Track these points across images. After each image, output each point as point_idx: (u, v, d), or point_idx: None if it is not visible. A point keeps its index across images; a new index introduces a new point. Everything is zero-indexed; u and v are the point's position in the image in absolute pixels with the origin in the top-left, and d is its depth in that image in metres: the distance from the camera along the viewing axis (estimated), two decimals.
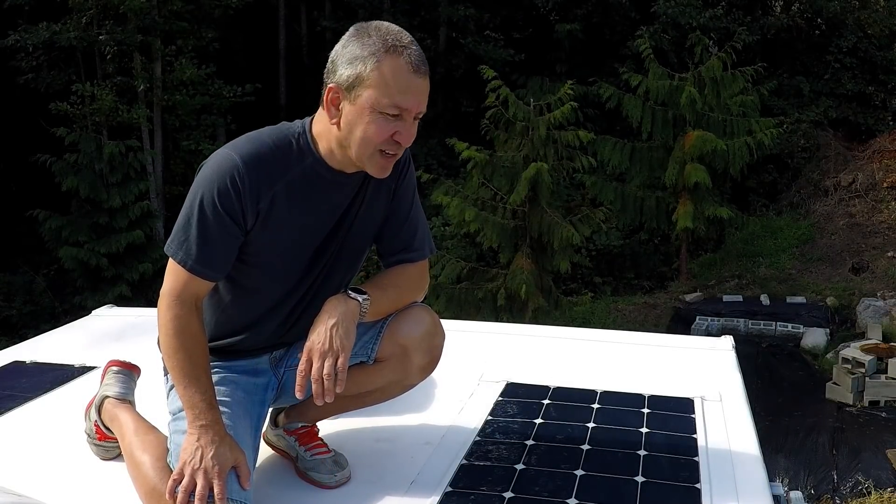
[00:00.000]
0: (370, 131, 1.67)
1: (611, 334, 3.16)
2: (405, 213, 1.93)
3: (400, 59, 1.64)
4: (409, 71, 1.65)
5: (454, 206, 10.21)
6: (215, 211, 1.68)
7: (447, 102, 17.02)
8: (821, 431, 8.33)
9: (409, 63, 1.65)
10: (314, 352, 1.68)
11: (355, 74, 1.65)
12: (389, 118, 1.67)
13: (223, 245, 1.72)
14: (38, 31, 13.33)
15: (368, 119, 1.67)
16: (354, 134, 1.69)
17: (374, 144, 1.69)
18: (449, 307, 10.02)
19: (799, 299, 12.15)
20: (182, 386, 1.71)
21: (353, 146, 1.70)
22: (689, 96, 12.24)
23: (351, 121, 1.69)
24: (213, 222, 1.69)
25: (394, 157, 1.73)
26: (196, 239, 1.70)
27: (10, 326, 12.62)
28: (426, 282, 1.97)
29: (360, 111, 1.67)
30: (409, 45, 1.67)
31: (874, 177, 15.00)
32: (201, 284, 1.74)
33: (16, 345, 3.12)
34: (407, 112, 1.68)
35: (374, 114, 1.66)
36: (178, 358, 1.71)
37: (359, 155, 1.71)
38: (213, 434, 1.66)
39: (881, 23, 17.48)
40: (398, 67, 1.64)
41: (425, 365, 1.88)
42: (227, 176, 1.68)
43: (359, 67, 1.65)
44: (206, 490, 1.60)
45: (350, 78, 1.66)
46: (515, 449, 2.03)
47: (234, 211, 1.69)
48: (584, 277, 13.71)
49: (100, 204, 13.11)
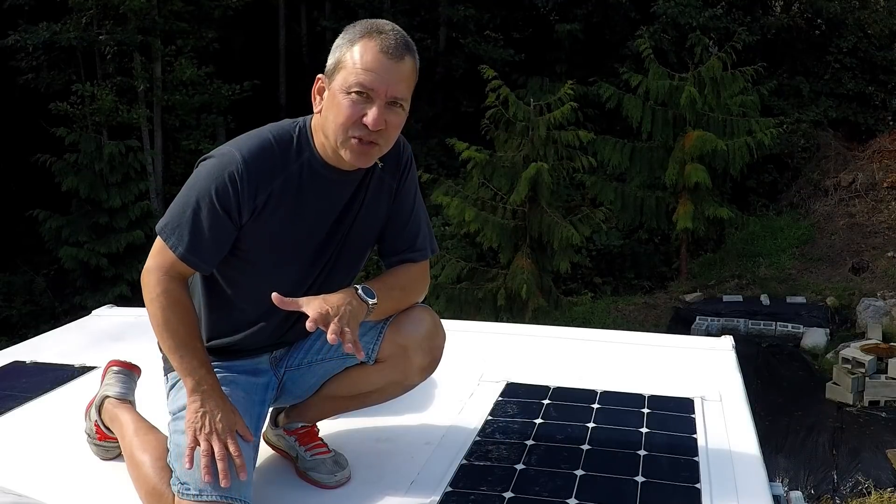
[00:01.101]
0: (339, 112, 1.67)
1: (611, 334, 3.16)
2: (407, 213, 1.93)
3: (371, 41, 1.66)
4: (377, 51, 1.65)
5: (454, 206, 10.21)
6: (211, 206, 1.69)
7: (447, 102, 17.02)
8: (821, 431, 8.33)
9: (379, 44, 1.65)
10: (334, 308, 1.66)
11: (334, 61, 1.69)
12: (358, 99, 1.66)
13: (214, 239, 1.73)
14: (38, 31, 13.32)
15: (338, 100, 1.67)
16: (329, 118, 1.70)
17: (344, 127, 1.68)
18: (449, 307, 10.02)
19: (799, 299, 12.15)
20: (178, 356, 1.73)
21: (329, 133, 1.71)
22: (689, 96, 12.24)
23: (327, 105, 1.71)
24: (207, 216, 1.70)
25: (371, 144, 1.70)
26: (189, 228, 1.71)
27: (10, 326, 12.62)
28: (427, 282, 1.97)
29: (332, 94, 1.69)
30: (387, 31, 1.68)
31: (874, 177, 14.99)
32: (187, 269, 1.76)
33: (16, 345, 3.12)
34: (373, 92, 1.65)
35: (343, 94, 1.67)
36: (172, 329, 1.73)
37: (334, 140, 1.71)
38: (217, 398, 1.71)
39: (881, 23, 17.47)
40: (367, 48, 1.66)
41: (426, 365, 1.88)
42: (226, 172, 1.69)
43: (337, 53, 1.69)
44: (224, 451, 1.64)
45: (331, 66, 1.70)
46: (515, 449, 2.03)
47: (229, 207, 1.70)
48: (584, 277, 13.70)
49: (100, 204, 13.10)
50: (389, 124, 1.69)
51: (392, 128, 1.71)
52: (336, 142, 1.70)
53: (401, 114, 1.71)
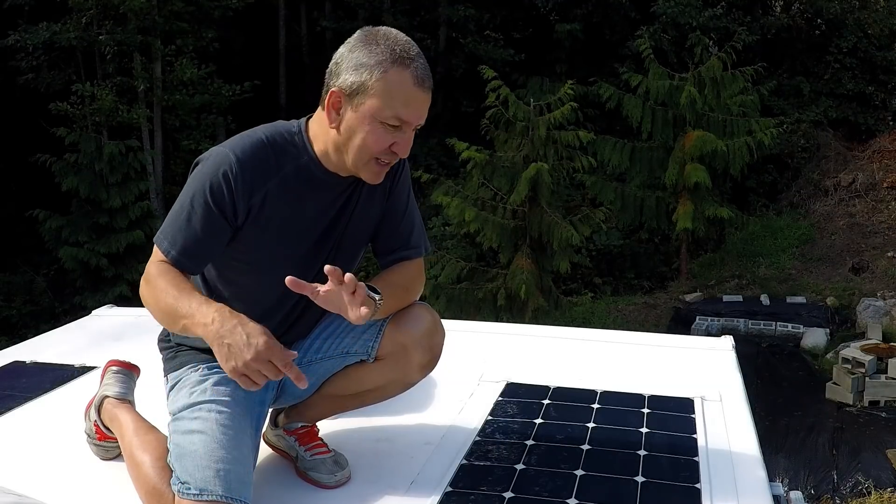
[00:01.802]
0: (369, 140, 1.69)
1: (611, 334, 3.16)
2: (401, 211, 1.94)
3: (406, 72, 1.66)
4: (413, 84, 1.67)
5: (454, 206, 10.21)
6: (205, 206, 1.70)
7: (447, 102, 17.01)
8: (821, 431, 8.33)
9: (415, 76, 1.67)
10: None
11: (360, 82, 1.67)
12: (389, 128, 1.69)
13: (208, 240, 1.73)
14: (38, 31, 13.32)
15: (369, 128, 1.68)
16: (353, 140, 1.71)
17: (371, 153, 1.71)
18: (449, 307, 10.02)
19: (799, 299, 12.15)
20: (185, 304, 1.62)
21: (351, 152, 1.72)
22: (689, 96, 12.24)
23: (351, 127, 1.71)
24: (201, 216, 1.70)
25: (388, 165, 1.75)
26: (183, 231, 1.71)
27: (10, 326, 12.62)
28: (423, 279, 1.99)
29: (361, 119, 1.69)
30: (416, 57, 1.68)
31: (874, 177, 14.99)
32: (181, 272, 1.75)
33: (16, 345, 3.12)
34: (407, 124, 1.70)
35: (375, 123, 1.68)
36: (168, 289, 1.65)
37: (355, 161, 1.73)
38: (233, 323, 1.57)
39: (881, 23, 17.47)
40: (403, 80, 1.66)
41: (426, 363, 1.89)
42: (220, 171, 1.70)
43: (364, 75, 1.66)
44: (274, 369, 1.54)
45: (354, 84, 1.67)
46: (515, 449, 2.03)
47: (224, 206, 1.70)
48: (584, 277, 13.70)
49: (100, 204, 13.10)
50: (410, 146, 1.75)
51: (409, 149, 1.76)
52: (358, 163, 1.73)
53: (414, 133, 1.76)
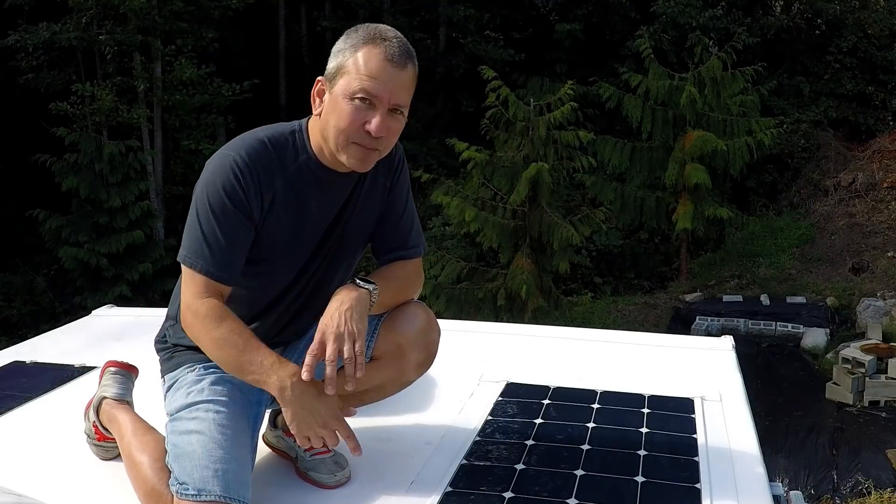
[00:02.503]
0: (342, 118, 1.68)
1: (611, 334, 3.16)
2: (400, 210, 1.94)
3: (376, 48, 1.66)
4: (382, 58, 1.66)
5: (454, 206, 10.21)
6: (225, 209, 1.69)
7: (447, 102, 17.01)
8: (821, 431, 8.33)
9: (384, 51, 1.67)
10: (328, 334, 1.65)
11: (336, 65, 1.69)
12: (361, 105, 1.67)
13: (239, 244, 1.72)
14: (38, 31, 13.31)
15: (341, 105, 1.68)
16: (329, 122, 1.71)
17: (345, 133, 1.69)
18: (449, 307, 10.02)
19: (799, 299, 12.15)
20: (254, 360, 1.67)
21: (330, 136, 1.71)
22: (689, 96, 12.24)
23: (328, 109, 1.71)
24: (225, 222, 1.69)
25: (371, 150, 1.72)
26: (211, 243, 1.69)
27: (10, 326, 12.62)
28: (422, 279, 1.99)
29: (334, 99, 1.69)
30: (391, 38, 1.68)
31: (874, 177, 14.99)
32: (222, 287, 1.73)
33: (16, 345, 3.12)
34: (377, 99, 1.67)
35: (346, 100, 1.67)
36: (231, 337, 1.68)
37: (335, 144, 1.71)
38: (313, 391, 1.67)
39: (881, 23, 17.47)
40: (372, 55, 1.66)
41: (422, 361, 1.88)
42: (229, 173, 1.69)
43: (339, 58, 1.69)
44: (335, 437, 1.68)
45: (332, 69, 1.70)
46: (515, 449, 2.03)
47: (243, 205, 1.70)
48: (584, 277, 13.70)
49: (100, 204, 13.10)
50: (390, 131, 1.71)
51: (392, 134, 1.73)
52: (336, 146, 1.71)
53: (401, 120, 1.73)
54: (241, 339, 1.67)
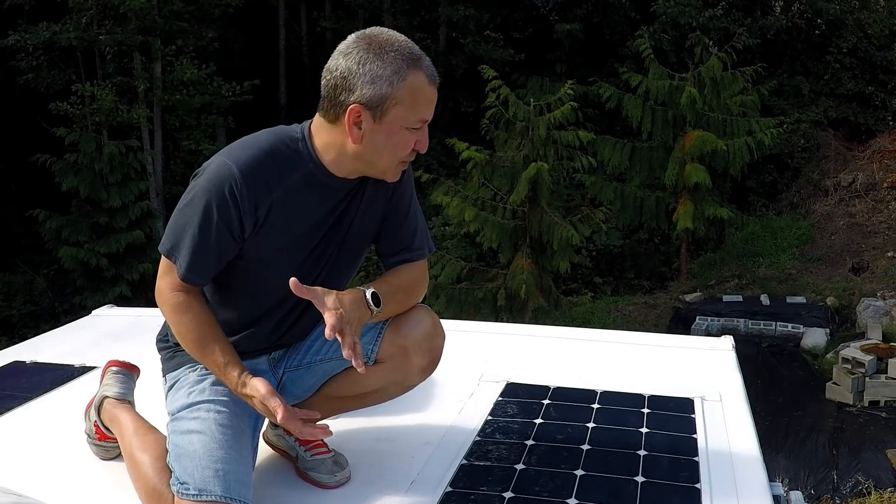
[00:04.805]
0: (399, 147, 1.72)
1: (611, 334, 3.16)
2: (404, 212, 1.93)
3: (421, 73, 1.68)
4: (429, 83, 1.70)
5: (454, 206, 10.21)
6: (212, 223, 1.69)
7: (447, 102, 16.99)
8: (821, 431, 8.33)
9: (428, 75, 1.70)
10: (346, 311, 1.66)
11: (381, 94, 1.65)
12: (413, 131, 1.71)
13: (216, 255, 1.74)
14: (38, 31, 13.32)
15: (400, 135, 1.70)
16: (382, 150, 1.72)
17: (398, 158, 1.74)
18: (449, 307, 10.01)
19: (799, 299, 12.15)
20: (211, 359, 1.75)
21: (380, 161, 1.74)
22: (689, 96, 12.24)
23: (377, 138, 1.70)
24: (208, 234, 1.70)
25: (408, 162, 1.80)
26: (190, 248, 1.71)
27: (10, 326, 12.62)
28: (426, 281, 1.98)
29: (388, 129, 1.69)
30: (422, 56, 1.70)
31: (874, 177, 14.99)
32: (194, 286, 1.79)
33: (16, 345, 3.12)
34: (425, 122, 1.73)
35: (405, 130, 1.70)
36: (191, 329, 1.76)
37: (384, 168, 1.75)
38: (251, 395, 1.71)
39: (881, 23, 17.48)
40: (419, 81, 1.68)
41: (425, 366, 1.88)
42: (225, 187, 1.67)
43: (384, 87, 1.65)
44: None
45: (375, 97, 1.65)
46: (515, 449, 2.03)
47: (231, 222, 1.69)
48: (584, 277, 13.70)
49: (100, 204, 13.10)
50: None
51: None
52: (387, 169, 1.76)
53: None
54: (197, 335, 1.76)
